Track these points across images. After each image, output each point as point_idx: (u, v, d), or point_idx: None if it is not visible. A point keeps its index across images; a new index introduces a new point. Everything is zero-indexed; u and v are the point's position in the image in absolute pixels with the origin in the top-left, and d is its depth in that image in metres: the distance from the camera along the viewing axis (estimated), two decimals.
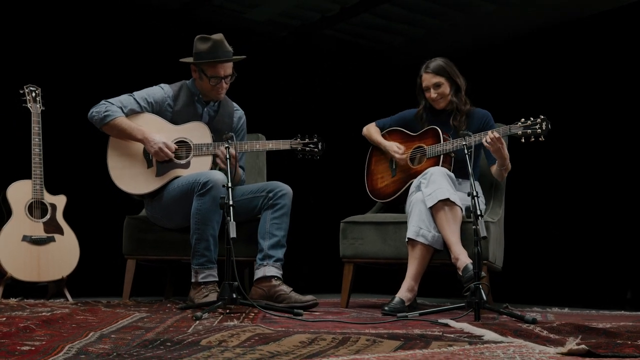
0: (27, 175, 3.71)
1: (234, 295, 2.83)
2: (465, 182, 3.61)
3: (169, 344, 1.88)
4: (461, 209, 3.29)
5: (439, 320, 2.63)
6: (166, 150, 3.39)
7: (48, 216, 3.74)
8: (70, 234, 3.79)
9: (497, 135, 3.31)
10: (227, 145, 3.12)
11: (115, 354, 1.69)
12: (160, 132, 3.46)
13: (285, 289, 3.30)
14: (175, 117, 3.53)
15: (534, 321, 2.57)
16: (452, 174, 3.37)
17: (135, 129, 3.41)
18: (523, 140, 3.28)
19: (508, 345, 2.00)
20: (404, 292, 3.23)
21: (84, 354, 1.70)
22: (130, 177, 3.43)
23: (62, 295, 3.74)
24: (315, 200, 5.34)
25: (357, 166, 4.02)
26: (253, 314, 2.83)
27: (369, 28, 5.71)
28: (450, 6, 5.23)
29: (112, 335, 2.03)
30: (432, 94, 3.61)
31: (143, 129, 3.42)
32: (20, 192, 3.69)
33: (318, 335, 2.10)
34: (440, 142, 3.55)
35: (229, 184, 2.92)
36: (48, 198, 3.76)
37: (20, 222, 3.66)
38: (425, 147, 3.63)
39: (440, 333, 2.27)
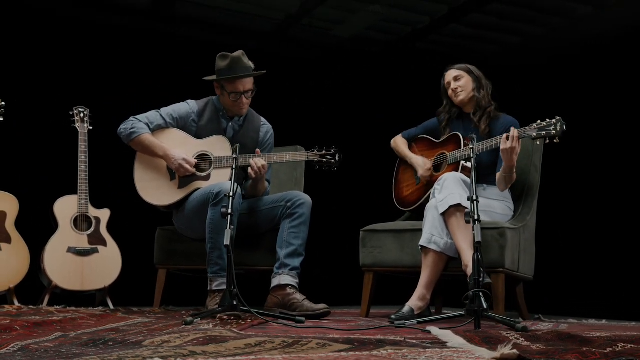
0: (74, 191, 3.95)
1: (234, 302, 2.87)
2: (491, 188, 3.50)
3: (111, 343, 1.96)
4: None
5: (426, 328, 2.56)
6: (186, 165, 3.52)
7: (92, 229, 3.97)
8: (113, 246, 4.00)
9: (516, 134, 3.19)
10: (235, 156, 3.19)
11: (43, 350, 1.78)
12: (183, 146, 3.59)
13: (298, 297, 3.32)
14: (200, 132, 3.66)
15: (524, 329, 2.45)
16: (467, 179, 3.27)
17: (158, 146, 3.56)
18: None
19: (451, 350, 1.93)
20: (414, 301, 3.16)
21: (22, 350, 1.81)
22: (154, 190, 3.59)
23: (106, 303, 3.94)
24: (347, 210, 5.30)
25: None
26: (250, 320, 2.86)
27: (460, 38, 5.60)
28: (545, 11, 5.07)
29: (71, 335, 2.14)
30: (453, 85, 3.55)
31: (165, 146, 3.57)
32: (66, 207, 3.94)
33: (269, 339, 2.11)
34: (461, 147, 3.47)
35: (231, 194, 2.99)
36: (93, 212, 3.99)
37: (66, 235, 3.90)
38: (447, 153, 3.55)
39: (403, 339, 2.22)
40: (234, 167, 3.14)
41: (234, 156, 3.20)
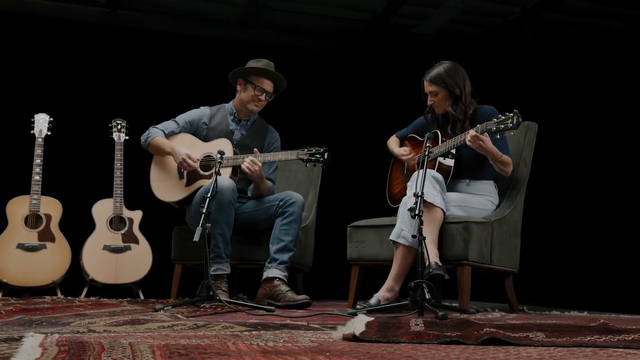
0: (110, 194, 4.43)
1: (210, 293, 3.18)
2: (475, 183, 3.60)
3: (45, 323, 2.33)
4: (443, 211, 3.32)
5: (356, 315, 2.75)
6: (188, 160, 3.88)
7: (126, 228, 4.42)
8: (145, 243, 4.44)
9: (473, 133, 3.30)
10: (219, 161, 3.50)
11: None
12: (191, 149, 3.95)
13: (283, 288, 3.59)
14: (209, 133, 4.04)
15: (443, 317, 2.58)
16: (439, 176, 3.40)
17: (167, 145, 3.96)
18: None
19: (324, 332, 2.14)
20: (382, 292, 3.33)
21: None
22: (165, 188, 3.98)
23: (137, 295, 4.39)
24: (357, 208, 5.45)
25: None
26: (220, 309, 3.17)
27: (556, 27, 5.42)
28: None
29: (26, 318, 2.53)
30: (429, 100, 3.67)
31: (172, 144, 3.96)
32: (103, 209, 4.43)
33: (183, 322, 2.41)
34: (439, 144, 3.59)
35: (209, 195, 3.30)
36: (126, 213, 4.45)
37: (103, 234, 4.39)
38: None
39: (306, 323, 2.44)
40: (216, 171, 3.45)
41: (219, 161, 3.51)
